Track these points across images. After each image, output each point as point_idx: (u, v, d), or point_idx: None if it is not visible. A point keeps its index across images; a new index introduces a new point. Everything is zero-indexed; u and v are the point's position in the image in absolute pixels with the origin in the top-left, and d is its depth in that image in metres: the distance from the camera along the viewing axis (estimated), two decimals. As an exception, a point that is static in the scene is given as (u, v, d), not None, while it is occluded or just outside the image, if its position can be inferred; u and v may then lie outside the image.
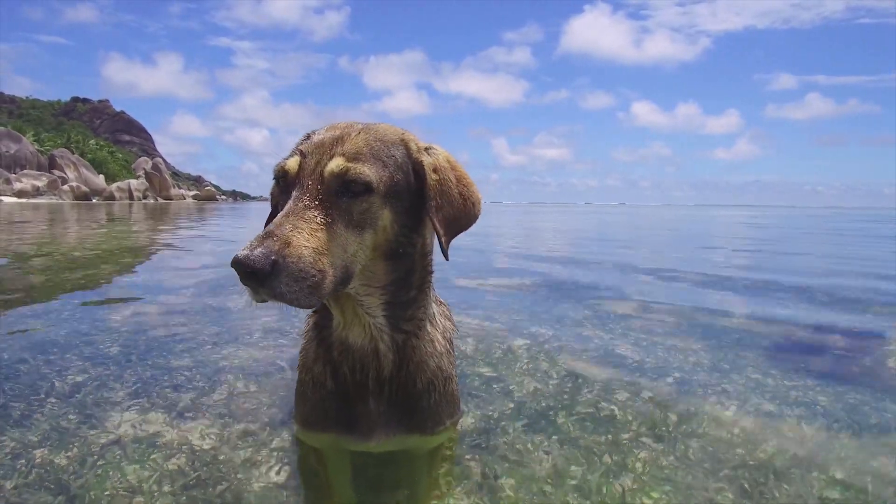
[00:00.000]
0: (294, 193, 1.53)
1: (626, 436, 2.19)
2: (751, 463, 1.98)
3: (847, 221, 31.32)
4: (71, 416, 2.27)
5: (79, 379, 2.68)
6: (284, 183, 1.62)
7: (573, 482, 1.84)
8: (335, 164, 1.55)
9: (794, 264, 8.58)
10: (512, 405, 2.45)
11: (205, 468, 1.90)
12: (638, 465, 1.95)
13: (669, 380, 2.82)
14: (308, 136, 1.71)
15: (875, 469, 1.97)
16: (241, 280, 1.37)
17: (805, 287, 5.88)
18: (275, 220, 1.47)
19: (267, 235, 1.40)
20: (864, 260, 9.27)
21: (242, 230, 16.78)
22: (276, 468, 1.93)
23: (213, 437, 2.11)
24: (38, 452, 1.97)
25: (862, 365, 3.27)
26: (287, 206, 1.50)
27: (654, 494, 1.77)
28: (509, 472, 1.89)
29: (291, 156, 1.63)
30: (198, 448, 2.03)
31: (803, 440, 2.18)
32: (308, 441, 2.01)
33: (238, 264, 1.33)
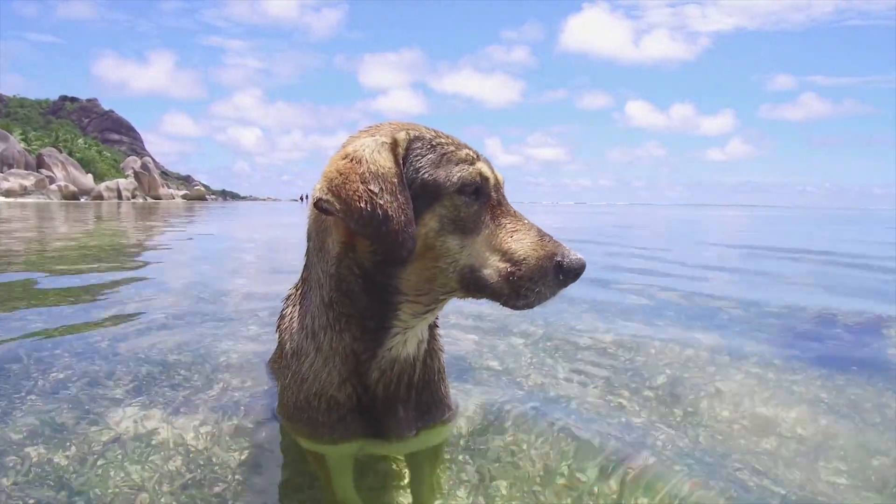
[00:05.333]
0: (503, 200, 1.62)
1: (638, 420, 2.22)
2: (757, 450, 2.04)
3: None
4: (71, 412, 2.23)
5: (69, 375, 2.62)
6: (477, 188, 1.56)
7: (595, 457, 1.89)
8: (501, 175, 1.68)
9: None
10: (521, 393, 2.46)
11: (203, 466, 1.88)
12: (658, 444, 2.00)
13: (668, 374, 2.84)
14: (427, 140, 1.60)
15: (880, 458, 2.00)
16: (574, 280, 1.49)
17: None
18: (533, 225, 1.56)
19: (556, 241, 1.53)
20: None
21: (240, 230, 16.72)
22: (274, 466, 1.93)
23: (207, 433, 2.09)
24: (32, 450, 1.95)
25: (864, 353, 3.31)
26: (516, 211, 1.62)
27: (676, 468, 1.83)
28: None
29: (475, 163, 1.58)
30: (193, 447, 2.01)
31: (805, 435, 2.20)
32: (320, 451, 1.84)
33: (584, 266, 1.49)
